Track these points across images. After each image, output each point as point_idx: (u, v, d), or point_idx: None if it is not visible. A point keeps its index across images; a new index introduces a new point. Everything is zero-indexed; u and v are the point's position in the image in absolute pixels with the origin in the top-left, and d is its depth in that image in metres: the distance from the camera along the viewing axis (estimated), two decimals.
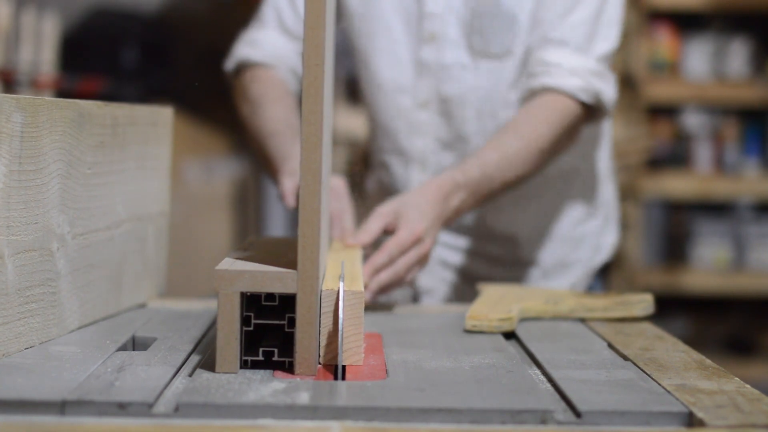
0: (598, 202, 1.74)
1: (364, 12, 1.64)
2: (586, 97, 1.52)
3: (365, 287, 1.29)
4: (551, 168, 1.63)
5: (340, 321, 1.03)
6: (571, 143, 1.58)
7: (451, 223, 1.46)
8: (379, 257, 1.33)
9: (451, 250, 1.70)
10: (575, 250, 1.72)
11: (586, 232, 1.73)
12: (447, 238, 1.69)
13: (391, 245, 1.34)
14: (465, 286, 1.69)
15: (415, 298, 1.72)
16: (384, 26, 1.63)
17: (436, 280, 1.70)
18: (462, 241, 1.70)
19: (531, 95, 1.54)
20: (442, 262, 1.70)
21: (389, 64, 1.64)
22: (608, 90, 1.55)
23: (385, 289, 1.35)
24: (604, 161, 1.75)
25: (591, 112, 1.57)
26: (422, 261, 1.37)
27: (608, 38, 1.56)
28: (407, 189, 1.65)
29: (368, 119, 1.74)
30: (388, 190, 1.70)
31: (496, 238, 1.69)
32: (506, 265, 1.70)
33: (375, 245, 1.38)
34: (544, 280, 1.71)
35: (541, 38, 1.55)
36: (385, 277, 1.33)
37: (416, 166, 1.66)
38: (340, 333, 1.03)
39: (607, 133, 1.75)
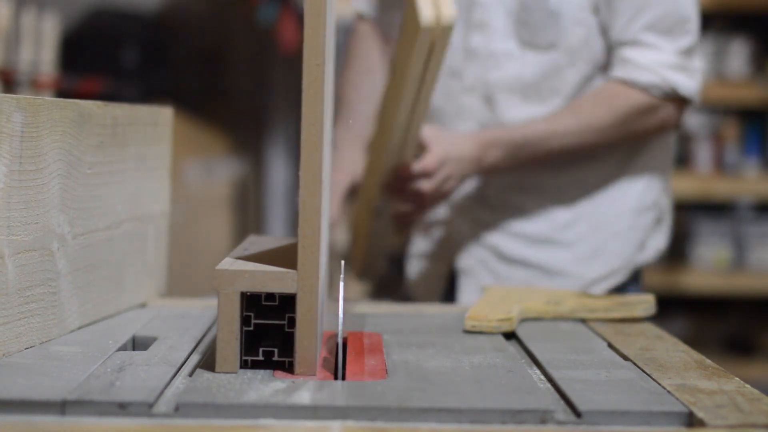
0: (650, 201, 1.73)
1: None
2: (657, 93, 1.60)
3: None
4: (605, 157, 1.68)
5: (341, 300, 1.03)
6: (640, 133, 1.65)
7: (476, 173, 1.60)
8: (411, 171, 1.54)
9: (489, 229, 1.71)
10: (614, 239, 1.70)
11: (633, 226, 1.71)
12: (484, 214, 1.71)
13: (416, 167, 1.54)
14: (502, 267, 1.70)
15: (453, 277, 1.73)
16: None
17: (474, 260, 1.71)
18: (500, 219, 1.71)
19: None
20: (479, 242, 1.72)
21: None
22: (687, 82, 1.61)
23: (432, 197, 1.55)
24: (662, 161, 1.76)
25: (676, 104, 1.63)
26: (448, 184, 1.56)
27: (687, 32, 1.62)
28: None
29: None
30: None
31: (534, 217, 1.70)
32: (542, 244, 1.70)
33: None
34: (576, 266, 1.69)
35: (618, 33, 1.62)
36: (428, 184, 1.53)
37: None
38: (340, 317, 1.03)
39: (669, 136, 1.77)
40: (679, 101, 1.63)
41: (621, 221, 1.71)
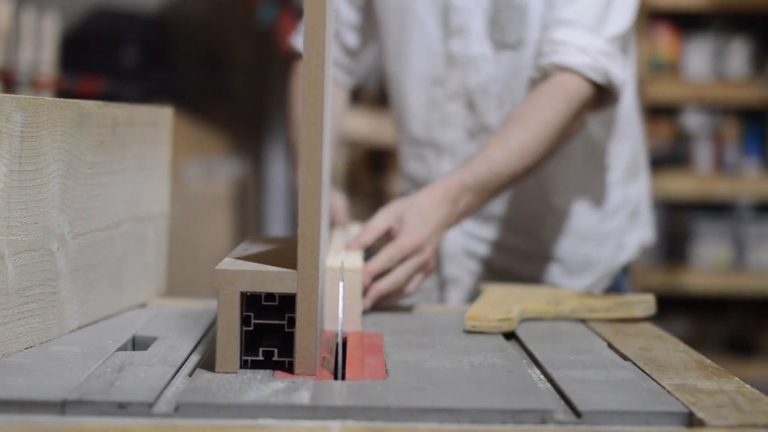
0: (623, 198, 1.74)
1: (399, 7, 1.69)
2: (594, 75, 1.50)
3: (365, 291, 1.29)
4: (575, 164, 1.66)
5: (341, 300, 1.04)
6: (579, 127, 1.55)
7: (454, 225, 1.45)
8: (378, 262, 1.32)
9: (477, 241, 1.72)
10: (598, 248, 1.71)
11: (609, 230, 1.72)
12: (474, 228, 1.71)
13: (391, 249, 1.33)
14: (490, 277, 1.71)
15: (441, 286, 1.73)
16: (418, 20, 1.67)
17: (461, 270, 1.71)
18: (488, 232, 1.71)
19: (541, 75, 1.55)
20: (467, 252, 1.72)
21: (424, 58, 1.67)
22: (618, 71, 1.53)
23: (385, 297, 1.34)
24: (628, 158, 1.74)
25: (601, 95, 1.55)
26: (425, 269, 1.37)
27: (619, 21, 1.56)
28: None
29: (398, 114, 1.75)
30: (423, 185, 1.72)
31: (520, 232, 1.70)
32: (529, 259, 1.71)
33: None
34: (566, 278, 1.71)
35: (552, 19, 1.56)
36: (385, 284, 1.32)
37: (447, 156, 1.69)
38: (340, 317, 1.03)
39: (633, 128, 1.74)
40: (601, 93, 1.54)
41: (597, 229, 1.71)
